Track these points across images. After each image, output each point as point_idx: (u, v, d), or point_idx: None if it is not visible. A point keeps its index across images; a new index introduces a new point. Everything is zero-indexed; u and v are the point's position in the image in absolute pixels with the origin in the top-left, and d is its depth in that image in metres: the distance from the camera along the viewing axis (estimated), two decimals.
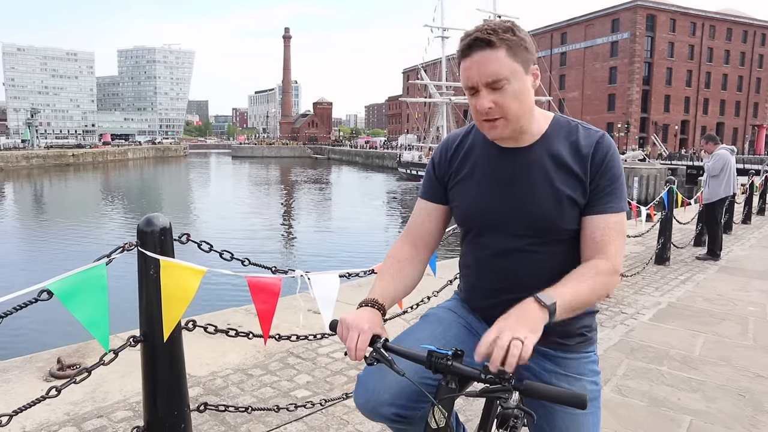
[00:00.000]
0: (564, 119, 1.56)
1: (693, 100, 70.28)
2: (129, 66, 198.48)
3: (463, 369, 1.25)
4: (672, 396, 3.38)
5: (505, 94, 1.39)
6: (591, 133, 1.50)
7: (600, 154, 1.46)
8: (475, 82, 1.40)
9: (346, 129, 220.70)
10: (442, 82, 57.43)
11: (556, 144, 1.50)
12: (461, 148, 1.63)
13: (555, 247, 1.50)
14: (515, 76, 1.39)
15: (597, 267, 1.41)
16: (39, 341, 7.18)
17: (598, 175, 1.45)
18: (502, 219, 1.52)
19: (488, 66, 1.37)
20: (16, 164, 60.37)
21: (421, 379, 1.35)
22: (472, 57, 1.39)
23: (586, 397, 1.15)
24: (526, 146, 1.51)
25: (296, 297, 2.74)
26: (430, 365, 1.27)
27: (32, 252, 18.33)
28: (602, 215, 1.45)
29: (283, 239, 22.59)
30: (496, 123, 1.43)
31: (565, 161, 1.47)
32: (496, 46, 1.36)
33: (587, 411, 1.43)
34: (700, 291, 6.13)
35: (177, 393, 2.29)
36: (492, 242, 1.55)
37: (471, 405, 3.09)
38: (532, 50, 1.43)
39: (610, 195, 1.46)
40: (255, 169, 74.03)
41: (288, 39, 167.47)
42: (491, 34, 1.36)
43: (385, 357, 1.29)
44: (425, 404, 1.39)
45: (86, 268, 1.95)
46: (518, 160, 1.51)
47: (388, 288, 1.54)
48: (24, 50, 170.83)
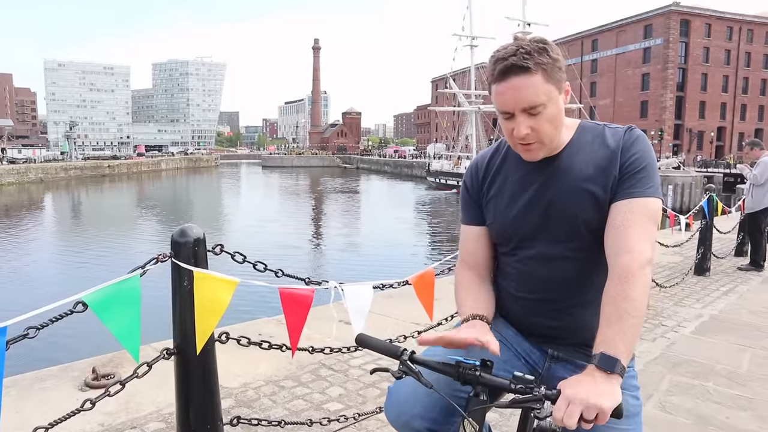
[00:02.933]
0: (590, 123, 1.55)
1: (730, 106, 68.52)
2: (163, 79, 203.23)
3: (492, 379, 1.21)
4: (719, 414, 3.23)
5: (541, 119, 1.38)
6: (617, 129, 1.49)
7: (627, 143, 1.44)
8: (512, 108, 1.38)
9: (375, 138, 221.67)
10: (471, 91, 57.19)
11: (584, 146, 1.49)
12: (491, 167, 1.63)
13: (593, 254, 1.46)
14: (551, 101, 1.38)
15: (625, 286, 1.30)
16: (74, 350, 7.32)
17: (626, 162, 1.42)
18: (538, 227, 1.50)
19: (525, 92, 1.35)
20: (55, 176, 62.18)
21: (452, 392, 1.33)
22: (508, 82, 1.36)
23: (622, 405, 1.12)
24: (555, 154, 1.50)
25: (329, 307, 2.70)
26: (458, 376, 1.24)
27: (69, 261, 18.79)
28: (624, 200, 1.40)
29: (314, 249, 22.71)
30: (531, 147, 1.43)
31: (595, 160, 1.46)
32: (533, 71, 1.34)
33: (629, 427, 1.40)
34: (745, 303, 5.90)
35: (210, 407, 2.27)
36: (531, 252, 1.53)
37: (507, 420, 3.00)
38: (564, 67, 1.42)
39: (633, 179, 1.40)
40: (285, 179, 74.80)
41: (317, 50, 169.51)
42: (527, 58, 1.34)
43: (412, 369, 1.26)
44: (458, 417, 1.35)
45: (121, 279, 1.95)
46: (549, 168, 1.50)
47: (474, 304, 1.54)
48: (64, 65, 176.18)
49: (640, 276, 1.31)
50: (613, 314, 1.28)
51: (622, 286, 1.30)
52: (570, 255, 1.48)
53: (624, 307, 1.27)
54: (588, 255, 1.47)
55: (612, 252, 1.37)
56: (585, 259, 1.48)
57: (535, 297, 1.54)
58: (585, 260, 1.48)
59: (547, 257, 1.50)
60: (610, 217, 1.41)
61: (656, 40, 65.02)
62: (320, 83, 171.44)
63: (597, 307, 1.51)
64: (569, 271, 1.49)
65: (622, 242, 1.35)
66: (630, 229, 1.36)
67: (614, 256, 1.35)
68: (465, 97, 57.03)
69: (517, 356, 1.59)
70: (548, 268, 1.50)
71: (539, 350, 1.58)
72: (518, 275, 1.58)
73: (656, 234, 1.43)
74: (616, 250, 1.36)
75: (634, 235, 1.35)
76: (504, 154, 1.61)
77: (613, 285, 1.32)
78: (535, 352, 1.59)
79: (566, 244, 1.47)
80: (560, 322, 1.53)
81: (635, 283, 1.29)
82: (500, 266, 1.69)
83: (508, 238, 1.57)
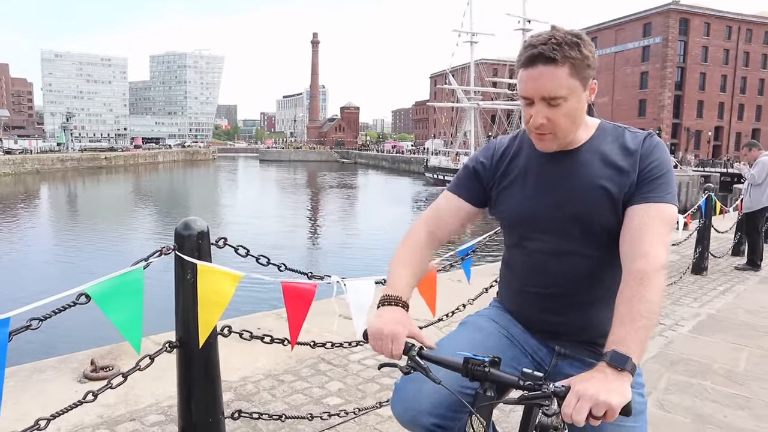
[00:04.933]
0: (610, 124, 1.55)
1: (727, 106, 68.58)
2: (160, 71, 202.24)
3: (501, 376, 1.22)
4: (718, 413, 3.24)
5: (559, 112, 1.39)
6: (637, 133, 1.50)
7: (647, 149, 1.45)
8: (532, 95, 1.39)
9: (373, 134, 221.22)
10: (470, 87, 57.14)
11: (603, 145, 1.49)
12: (507, 153, 1.61)
13: (604, 251, 1.47)
14: (572, 95, 1.38)
15: (640, 288, 1.30)
16: (73, 341, 7.30)
17: (645, 169, 1.43)
18: (550, 221, 1.50)
19: (548, 83, 1.36)
20: (52, 167, 61.97)
21: (459, 388, 1.33)
22: (534, 69, 1.37)
23: (632, 403, 1.12)
24: (574, 149, 1.50)
25: (330, 301, 2.70)
26: (466, 372, 1.24)
27: (71, 253, 18.74)
28: (642, 204, 1.40)
29: (314, 244, 22.70)
30: (545, 137, 1.44)
31: (613, 160, 1.46)
32: (560, 64, 1.35)
33: (635, 424, 1.40)
34: (742, 302, 5.91)
35: (212, 400, 2.27)
36: (541, 245, 1.53)
37: (507, 416, 3.01)
38: (595, 65, 1.42)
39: (652, 185, 1.41)
40: (282, 173, 74.64)
41: (316, 44, 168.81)
42: (557, 50, 1.34)
43: (420, 365, 1.27)
44: (464, 414, 1.35)
45: (124, 271, 1.94)
46: (566, 162, 1.50)
47: (409, 280, 1.51)
48: (61, 56, 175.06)
49: (656, 279, 1.31)
50: (627, 314, 1.27)
51: (637, 288, 1.30)
52: (580, 251, 1.48)
53: (638, 308, 1.27)
54: (599, 252, 1.48)
55: (628, 255, 1.37)
56: (596, 255, 1.48)
57: (542, 292, 1.54)
58: (596, 257, 1.48)
59: (558, 251, 1.50)
60: (627, 220, 1.41)
61: (655, 38, 65.00)
62: (318, 77, 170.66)
63: (605, 305, 1.51)
64: (579, 267, 1.49)
65: (638, 246, 1.35)
66: (646, 234, 1.36)
67: (630, 259, 1.35)
68: (464, 94, 57.00)
69: (524, 353, 1.59)
70: (558, 263, 1.50)
71: (546, 347, 1.58)
72: (526, 269, 1.58)
73: (670, 239, 1.43)
74: (632, 254, 1.36)
75: (649, 240, 1.35)
76: (521, 144, 1.61)
77: (629, 287, 1.32)
78: (542, 349, 1.59)
79: (577, 239, 1.48)
80: (568, 318, 1.53)
81: (651, 285, 1.30)
82: (506, 260, 1.69)
83: (520, 228, 1.57)
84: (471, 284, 3.73)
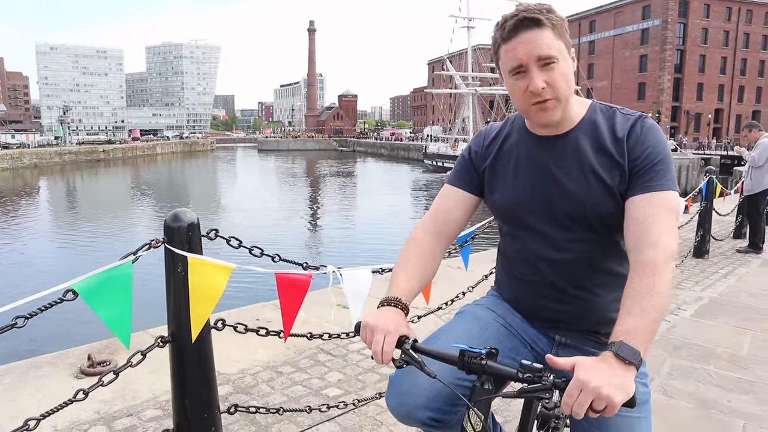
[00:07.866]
0: (602, 105, 1.50)
1: (727, 88, 68.28)
2: (157, 62, 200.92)
3: (499, 368, 1.17)
4: (722, 398, 3.21)
5: (555, 73, 1.34)
6: (629, 116, 1.44)
7: (635, 135, 1.39)
8: (525, 61, 1.34)
9: (372, 121, 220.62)
10: (468, 73, 56.87)
11: (593, 129, 1.44)
12: (498, 139, 1.58)
13: (601, 237, 1.43)
14: (562, 57, 1.35)
15: (651, 279, 1.24)
16: (70, 336, 7.27)
17: (636, 156, 1.37)
18: (542, 208, 1.46)
19: (538, 44, 1.32)
20: (50, 160, 61.68)
21: (456, 381, 1.30)
22: (519, 37, 1.33)
23: (635, 396, 1.08)
24: (564, 133, 1.45)
25: (327, 291, 2.65)
26: (462, 365, 1.19)
27: (63, 247, 18.68)
28: (644, 194, 1.35)
29: (311, 233, 22.65)
30: (547, 104, 1.37)
31: (603, 145, 1.41)
32: (544, 25, 1.32)
33: (640, 415, 1.37)
34: (744, 286, 5.88)
35: (207, 395, 2.22)
36: (535, 233, 1.49)
37: (509, 405, 2.97)
38: (568, 34, 1.40)
39: (650, 173, 1.36)
40: (281, 162, 74.44)
41: (313, 32, 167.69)
42: (538, 13, 1.32)
43: (414, 359, 1.22)
44: (462, 407, 1.31)
45: (112, 266, 1.89)
46: (556, 147, 1.45)
47: (411, 284, 1.46)
48: (56, 49, 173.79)
49: (666, 270, 1.26)
50: (636, 306, 1.21)
51: (648, 279, 1.24)
52: (576, 237, 1.44)
53: (648, 300, 1.21)
54: (595, 238, 1.44)
55: (635, 247, 1.31)
56: (592, 241, 1.44)
57: (538, 279, 1.51)
58: (592, 243, 1.44)
59: (554, 238, 1.46)
60: (630, 211, 1.36)
61: (654, 20, 64.54)
62: (316, 66, 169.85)
63: (605, 293, 1.46)
64: (573, 254, 1.45)
65: (645, 237, 1.30)
66: (653, 224, 1.31)
67: (638, 250, 1.30)
68: (462, 80, 56.75)
69: (523, 344, 1.54)
70: (552, 250, 1.47)
71: (546, 336, 1.54)
72: (521, 257, 1.55)
73: (677, 227, 1.37)
74: (639, 245, 1.30)
75: (656, 230, 1.30)
76: (512, 129, 1.57)
77: (639, 278, 1.26)
78: (542, 339, 1.54)
79: (570, 227, 1.44)
80: (566, 305, 1.49)
81: (661, 277, 1.24)
82: (502, 248, 1.66)
83: (511, 215, 1.54)
84: (470, 271, 3.69)
